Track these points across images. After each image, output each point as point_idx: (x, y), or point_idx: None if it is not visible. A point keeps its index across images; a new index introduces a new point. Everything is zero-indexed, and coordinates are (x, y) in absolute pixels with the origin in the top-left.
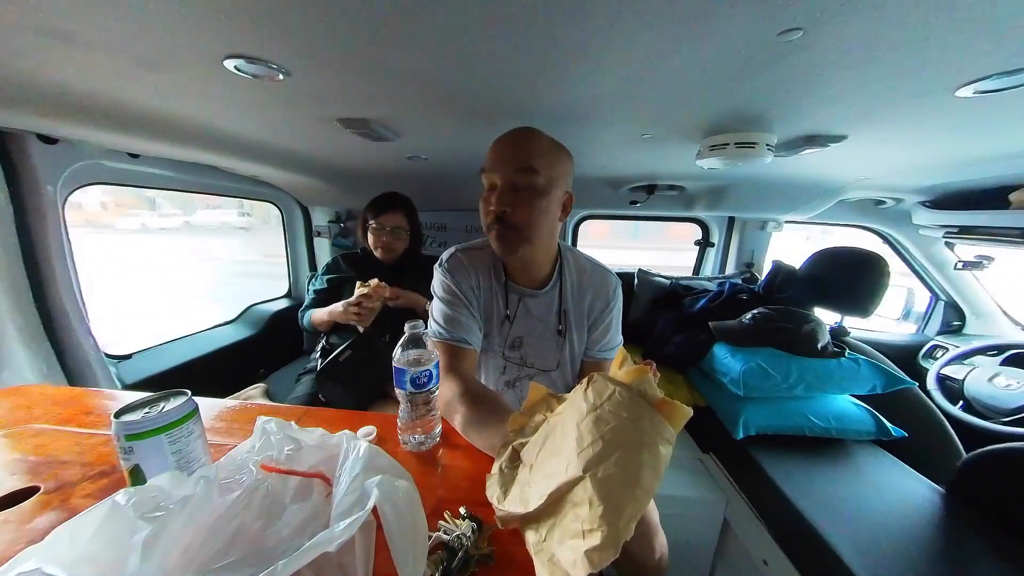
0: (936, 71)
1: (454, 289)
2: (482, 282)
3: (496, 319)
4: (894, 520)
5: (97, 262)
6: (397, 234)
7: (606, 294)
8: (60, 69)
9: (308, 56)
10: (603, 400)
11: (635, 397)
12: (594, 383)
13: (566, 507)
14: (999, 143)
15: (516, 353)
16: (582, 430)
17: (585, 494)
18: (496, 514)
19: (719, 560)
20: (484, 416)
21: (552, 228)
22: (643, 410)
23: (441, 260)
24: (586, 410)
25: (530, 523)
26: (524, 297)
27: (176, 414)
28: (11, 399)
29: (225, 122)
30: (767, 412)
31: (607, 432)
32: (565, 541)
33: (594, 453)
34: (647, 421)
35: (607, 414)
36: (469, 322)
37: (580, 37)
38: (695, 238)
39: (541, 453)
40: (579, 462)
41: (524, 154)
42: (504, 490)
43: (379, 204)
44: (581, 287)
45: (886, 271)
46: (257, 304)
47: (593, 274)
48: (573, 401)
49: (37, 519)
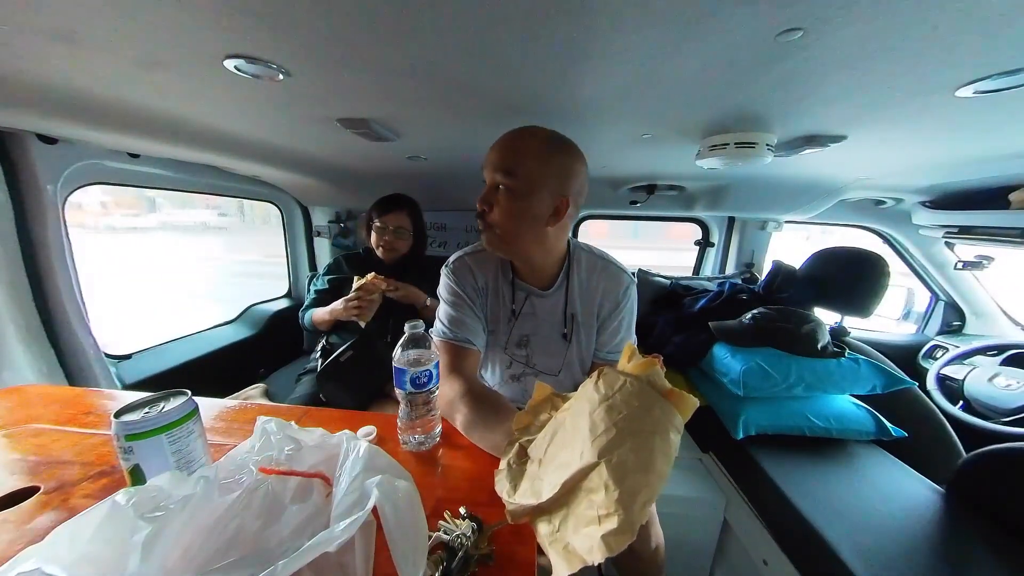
0: (936, 71)
1: (458, 291)
2: (489, 283)
3: (503, 315)
4: (894, 520)
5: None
6: (400, 234)
7: (616, 294)
8: (60, 69)
9: (308, 56)
10: (615, 390)
11: (645, 387)
12: (605, 375)
13: (580, 495)
14: (999, 143)
15: (522, 351)
16: (595, 419)
17: (600, 479)
18: (507, 508)
19: (719, 560)
20: (486, 416)
21: (538, 233)
22: (654, 399)
23: (448, 263)
24: (598, 400)
25: (542, 515)
26: (531, 295)
27: (176, 414)
28: (11, 399)
29: (225, 122)
30: (767, 412)
31: (620, 420)
32: (580, 529)
33: (608, 440)
34: (658, 409)
35: (619, 403)
36: (473, 323)
37: (580, 37)
38: (695, 238)
39: (550, 447)
40: (593, 449)
41: (507, 155)
42: (514, 484)
43: (384, 204)
44: (590, 288)
45: (886, 271)
46: (257, 304)
47: (604, 273)
48: (583, 394)
49: (37, 519)
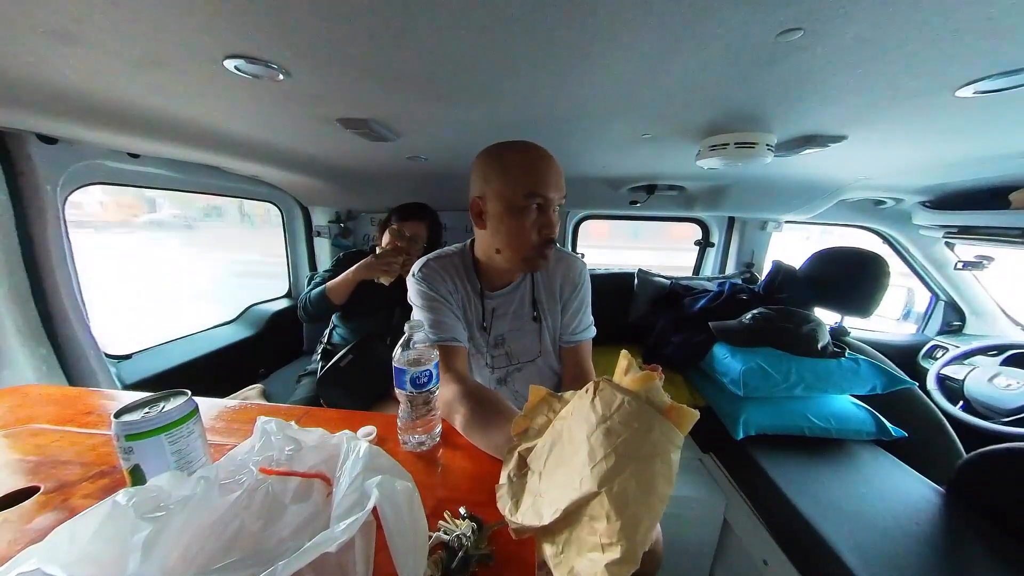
0: (936, 71)
1: (432, 294)
2: (458, 286)
3: (475, 324)
4: (894, 520)
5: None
6: (414, 242)
7: (573, 276)
8: (60, 69)
9: (308, 56)
10: (612, 411)
11: (644, 406)
12: (601, 392)
13: (582, 520)
14: (999, 143)
15: (501, 350)
16: (593, 443)
17: (602, 509)
18: (509, 527)
19: (719, 560)
20: (485, 416)
21: None
22: (653, 419)
23: (413, 271)
24: (596, 422)
25: (546, 535)
26: (498, 299)
27: (176, 414)
28: (11, 399)
29: (225, 122)
30: (767, 412)
31: (619, 445)
32: (584, 553)
33: (608, 467)
34: (658, 430)
35: (617, 426)
36: (453, 322)
37: (581, 37)
38: (695, 238)
39: (549, 460)
40: (593, 477)
41: (562, 182)
42: (515, 500)
43: (407, 209)
44: (549, 272)
45: (886, 271)
46: (257, 304)
47: (560, 259)
48: (579, 409)
49: (37, 519)
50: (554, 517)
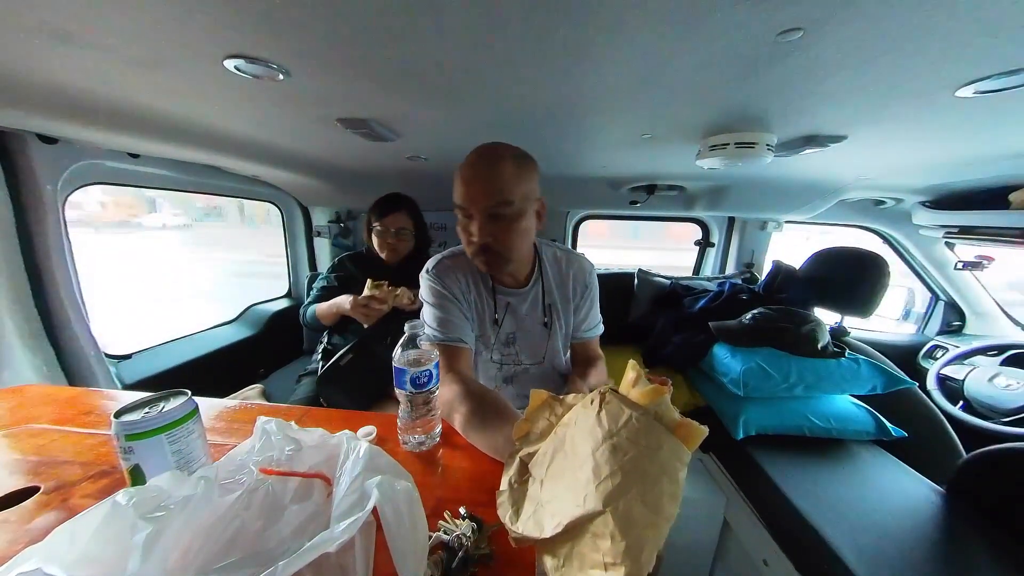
0: (936, 71)
1: (443, 292)
2: (471, 283)
3: (488, 320)
4: (894, 520)
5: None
6: (402, 235)
7: (584, 277)
8: (60, 69)
9: (308, 56)
10: (619, 427)
11: (652, 423)
12: (607, 405)
13: (585, 536)
14: (999, 143)
15: (511, 349)
16: (599, 459)
17: (606, 528)
18: (510, 536)
19: (719, 560)
20: (485, 416)
21: (530, 241)
22: (662, 437)
23: (427, 267)
24: (602, 437)
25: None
26: (510, 299)
27: (176, 414)
28: (11, 399)
29: (225, 122)
30: (767, 412)
31: (626, 463)
32: (586, 569)
33: (614, 486)
34: (666, 449)
35: (624, 443)
36: (461, 322)
37: (581, 38)
38: (695, 238)
39: (551, 468)
40: (598, 495)
41: (496, 189)
42: (516, 508)
43: (382, 206)
44: (561, 274)
45: (886, 271)
46: (257, 304)
47: (569, 261)
48: (584, 419)
49: (37, 519)
50: (555, 531)
